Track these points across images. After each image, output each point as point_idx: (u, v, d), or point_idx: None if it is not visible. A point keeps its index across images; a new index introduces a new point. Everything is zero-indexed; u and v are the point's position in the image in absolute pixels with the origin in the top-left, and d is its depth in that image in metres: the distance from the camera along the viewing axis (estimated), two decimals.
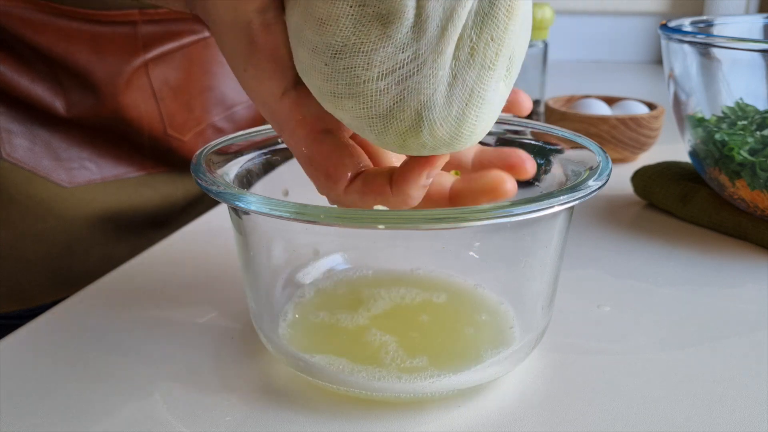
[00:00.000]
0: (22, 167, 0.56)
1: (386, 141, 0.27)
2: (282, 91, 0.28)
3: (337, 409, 0.33)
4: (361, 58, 0.26)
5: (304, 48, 0.26)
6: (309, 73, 0.27)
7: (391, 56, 0.25)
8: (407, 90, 0.26)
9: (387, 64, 0.26)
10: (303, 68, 0.27)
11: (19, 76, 0.55)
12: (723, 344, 0.38)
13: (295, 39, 0.27)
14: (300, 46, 0.27)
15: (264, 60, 0.28)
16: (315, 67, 0.26)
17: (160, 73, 0.60)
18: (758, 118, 0.50)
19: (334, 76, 0.26)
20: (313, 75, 0.27)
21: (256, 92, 0.29)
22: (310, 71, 0.27)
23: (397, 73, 0.26)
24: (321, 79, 0.26)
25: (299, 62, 0.27)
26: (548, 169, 0.37)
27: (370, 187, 0.29)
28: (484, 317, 0.37)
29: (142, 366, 0.36)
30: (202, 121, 0.64)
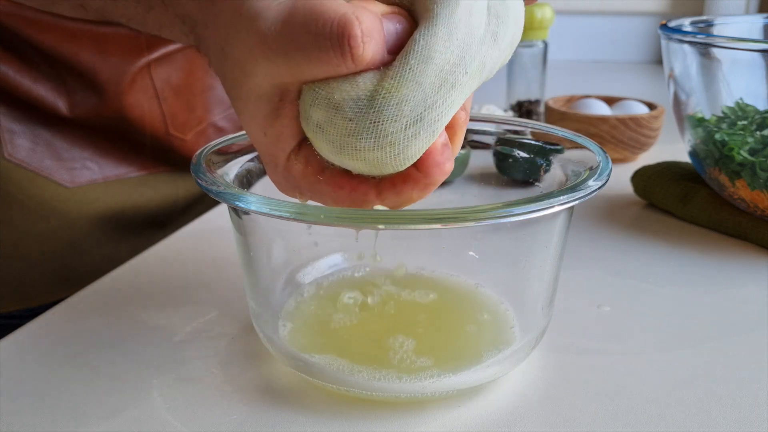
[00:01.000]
0: (24, 167, 0.56)
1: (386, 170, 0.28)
2: (294, 147, 0.29)
3: (337, 409, 0.33)
4: (390, 111, 0.26)
5: (320, 106, 0.26)
6: (326, 130, 0.27)
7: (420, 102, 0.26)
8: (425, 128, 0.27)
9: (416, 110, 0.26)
10: (317, 124, 0.27)
11: (22, 77, 0.55)
12: (723, 344, 0.38)
13: (311, 96, 0.27)
14: (315, 105, 0.27)
15: (285, 127, 0.28)
16: (334, 124, 0.26)
17: (162, 73, 0.60)
18: (758, 118, 0.50)
19: (358, 131, 0.26)
20: (331, 132, 0.27)
21: (268, 152, 0.29)
22: (327, 128, 0.27)
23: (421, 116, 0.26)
24: (340, 134, 0.27)
25: (311, 118, 0.27)
26: (548, 169, 0.37)
27: (401, 178, 0.28)
28: (485, 317, 0.37)
29: (142, 366, 0.36)
30: (204, 120, 0.64)
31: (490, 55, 0.27)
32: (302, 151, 0.29)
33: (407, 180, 0.28)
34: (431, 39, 0.25)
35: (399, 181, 0.28)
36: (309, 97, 0.27)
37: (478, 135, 0.42)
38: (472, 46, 0.26)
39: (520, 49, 0.85)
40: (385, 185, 0.29)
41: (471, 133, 0.42)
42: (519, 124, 0.40)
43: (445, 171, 0.28)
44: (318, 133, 0.27)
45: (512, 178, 0.42)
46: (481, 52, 0.27)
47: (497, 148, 0.41)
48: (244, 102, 0.28)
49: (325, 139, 0.27)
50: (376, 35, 0.25)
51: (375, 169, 0.28)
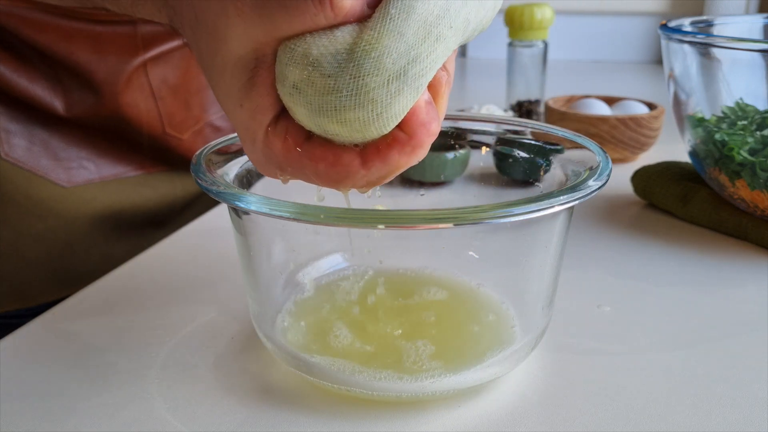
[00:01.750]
0: (20, 167, 0.56)
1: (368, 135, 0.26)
2: (272, 119, 0.27)
3: (337, 409, 0.33)
4: (370, 64, 0.24)
5: (297, 63, 0.25)
6: (304, 90, 0.25)
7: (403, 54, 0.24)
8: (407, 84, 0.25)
9: (398, 63, 0.24)
10: (293, 85, 0.25)
11: (18, 76, 0.55)
12: (723, 344, 0.38)
13: (287, 54, 0.25)
14: (292, 64, 0.25)
15: (262, 96, 0.27)
16: (312, 83, 0.25)
17: (158, 73, 0.60)
18: (758, 118, 0.50)
19: (337, 88, 0.25)
20: (308, 92, 0.25)
21: (246, 126, 0.28)
22: (305, 88, 0.25)
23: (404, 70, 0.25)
24: (318, 93, 0.25)
25: (287, 79, 0.26)
26: (548, 169, 0.37)
27: (387, 144, 0.27)
28: (487, 317, 0.37)
29: (142, 366, 0.36)
30: (200, 119, 0.64)
31: (476, 12, 0.26)
32: (281, 123, 0.27)
33: (393, 144, 0.27)
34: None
35: (384, 147, 0.27)
36: (285, 57, 0.25)
37: (478, 135, 0.42)
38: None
39: (520, 49, 0.85)
40: (369, 153, 0.27)
41: (471, 133, 0.42)
42: (519, 124, 0.40)
43: (431, 131, 0.27)
44: (295, 95, 0.25)
45: (512, 178, 0.42)
46: (467, 6, 0.25)
47: (497, 148, 0.41)
48: (219, 73, 0.27)
49: (303, 101, 0.25)
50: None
51: (357, 132, 0.26)
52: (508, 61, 0.87)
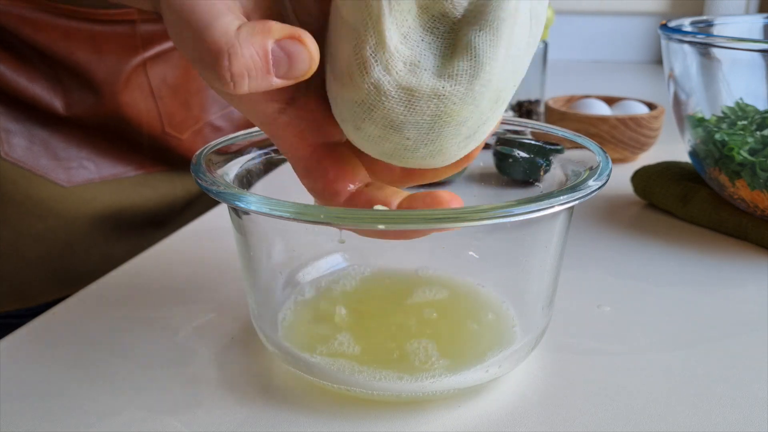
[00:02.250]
0: (20, 167, 0.56)
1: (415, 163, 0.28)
2: (279, 109, 0.28)
3: (337, 409, 0.33)
4: (450, 131, 0.26)
5: (377, 124, 0.26)
6: (378, 142, 0.26)
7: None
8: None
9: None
10: (368, 136, 0.26)
11: (18, 76, 0.55)
12: (723, 344, 0.38)
13: (361, 111, 0.26)
14: (368, 120, 0.26)
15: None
16: (389, 139, 0.26)
17: (158, 72, 0.60)
18: (758, 118, 0.50)
19: (415, 147, 0.26)
20: (384, 144, 0.26)
21: (253, 113, 0.28)
22: (380, 141, 0.26)
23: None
24: (396, 148, 0.26)
25: (361, 130, 0.26)
26: (548, 169, 0.37)
27: (373, 204, 0.28)
28: (487, 317, 0.37)
29: (141, 366, 0.36)
30: (200, 119, 0.64)
31: (528, 60, 0.27)
32: (295, 112, 0.28)
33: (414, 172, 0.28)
34: (494, 63, 0.24)
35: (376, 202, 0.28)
36: (360, 111, 0.25)
37: None
38: (521, 57, 0.26)
39: None
40: (359, 198, 0.28)
41: None
42: (519, 124, 0.40)
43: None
44: (366, 142, 0.27)
45: (512, 178, 0.42)
46: (525, 61, 0.26)
47: (497, 148, 0.41)
48: None
49: (375, 149, 0.27)
50: (254, 72, 0.24)
51: (412, 165, 0.28)
52: None
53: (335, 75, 0.26)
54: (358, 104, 0.25)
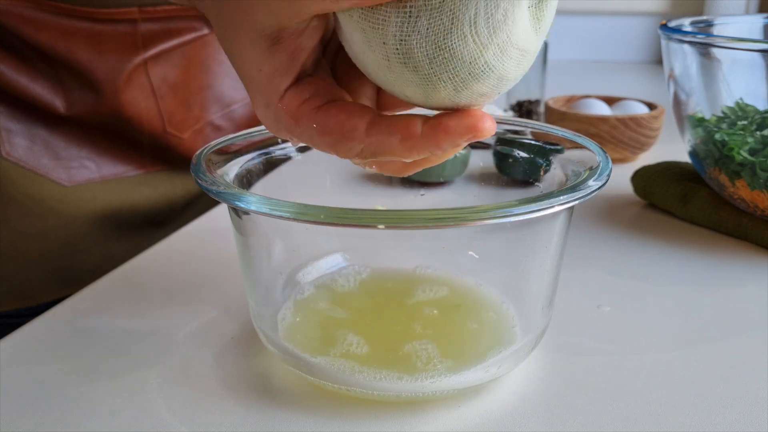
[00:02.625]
0: (21, 166, 0.56)
1: (439, 95, 0.27)
2: (287, 86, 0.28)
3: (337, 409, 0.33)
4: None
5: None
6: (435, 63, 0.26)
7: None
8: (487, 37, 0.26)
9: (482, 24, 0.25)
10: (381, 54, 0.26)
11: (19, 75, 0.55)
12: (723, 344, 0.38)
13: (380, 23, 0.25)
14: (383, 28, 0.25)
15: (283, 63, 0.27)
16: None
17: (159, 71, 0.60)
18: (758, 118, 0.50)
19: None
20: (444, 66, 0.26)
21: (262, 90, 0.28)
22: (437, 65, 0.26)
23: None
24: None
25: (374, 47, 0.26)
26: (548, 169, 0.37)
27: (397, 127, 0.27)
28: (487, 317, 0.37)
29: (142, 366, 0.36)
30: (201, 119, 0.64)
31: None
32: (300, 87, 0.28)
33: (411, 130, 0.27)
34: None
35: (399, 126, 0.27)
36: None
37: None
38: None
39: None
40: (380, 124, 0.27)
41: None
42: (519, 124, 0.40)
43: (453, 143, 0.27)
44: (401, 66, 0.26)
45: (512, 178, 0.42)
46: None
47: (497, 148, 0.41)
48: (241, 40, 0.27)
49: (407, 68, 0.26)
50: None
51: (426, 91, 0.27)
52: None
53: None
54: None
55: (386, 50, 0.26)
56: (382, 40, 0.26)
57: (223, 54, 0.64)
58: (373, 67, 0.28)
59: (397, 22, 0.26)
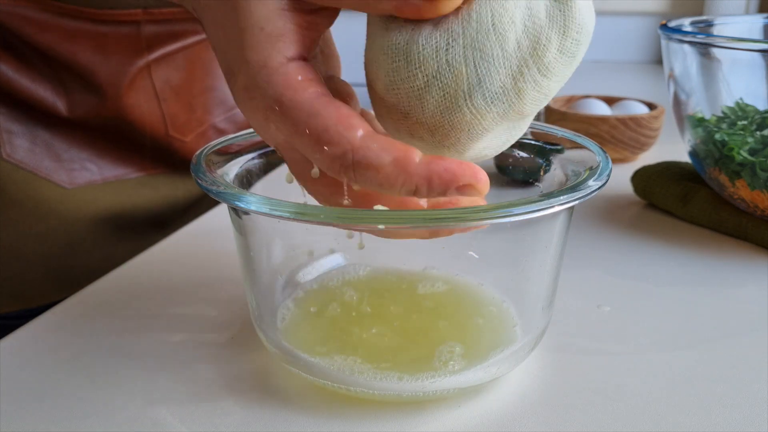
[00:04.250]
0: (22, 168, 0.56)
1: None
2: (292, 56, 0.26)
3: (337, 409, 0.33)
4: None
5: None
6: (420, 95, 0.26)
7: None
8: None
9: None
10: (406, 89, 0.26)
11: (21, 77, 0.55)
12: (723, 344, 0.38)
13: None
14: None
15: (293, 29, 0.26)
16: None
17: (162, 74, 0.60)
18: (758, 118, 0.50)
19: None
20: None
21: (260, 50, 0.26)
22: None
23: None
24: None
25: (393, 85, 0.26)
26: (548, 169, 0.37)
27: (395, 147, 0.25)
28: (488, 316, 0.37)
29: (142, 366, 0.36)
30: (204, 122, 0.64)
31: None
32: (307, 66, 0.26)
33: (408, 154, 0.25)
34: None
35: (397, 147, 0.26)
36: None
37: None
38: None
39: None
40: (378, 137, 0.26)
41: None
42: None
43: (444, 185, 0.26)
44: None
45: (512, 178, 0.42)
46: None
47: None
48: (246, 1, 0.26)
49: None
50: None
51: (433, 141, 0.27)
52: None
53: None
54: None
55: (395, 126, 0.28)
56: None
57: None
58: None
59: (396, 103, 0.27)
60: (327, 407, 0.33)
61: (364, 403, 0.33)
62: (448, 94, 0.26)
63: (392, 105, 0.27)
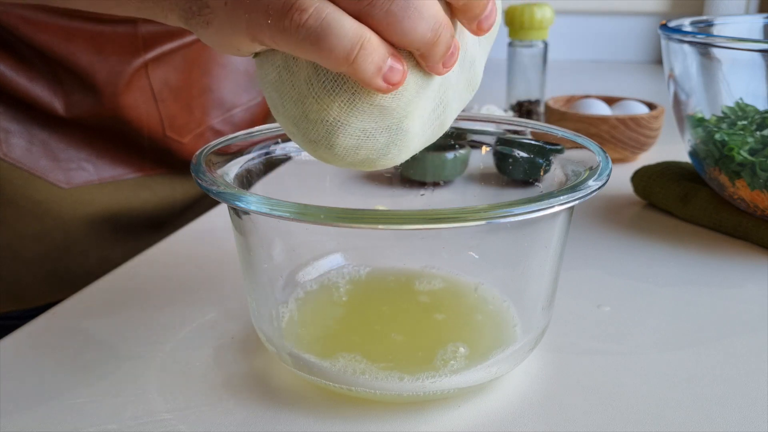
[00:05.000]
0: (19, 167, 0.56)
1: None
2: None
3: (337, 409, 0.33)
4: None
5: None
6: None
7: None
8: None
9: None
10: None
11: (18, 76, 0.55)
12: (723, 344, 0.38)
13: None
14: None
15: None
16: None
17: (160, 74, 0.60)
18: (758, 118, 0.50)
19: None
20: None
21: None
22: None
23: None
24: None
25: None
26: (548, 169, 0.37)
27: None
28: (488, 316, 0.37)
29: (142, 366, 0.36)
30: (202, 123, 0.64)
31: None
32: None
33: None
34: None
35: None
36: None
37: (478, 135, 0.42)
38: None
39: (520, 49, 0.85)
40: None
41: (471, 133, 0.42)
42: (519, 124, 0.40)
43: None
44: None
45: (512, 178, 0.42)
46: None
47: (497, 148, 0.41)
48: None
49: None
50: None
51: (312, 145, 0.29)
52: (508, 61, 0.87)
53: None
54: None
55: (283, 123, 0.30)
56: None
57: (224, 57, 0.64)
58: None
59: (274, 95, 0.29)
60: (327, 407, 0.33)
61: (364, 403, 0.33)
62: (294, 85, 0.28)
63: (270, 100, 0.29)
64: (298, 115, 0.28)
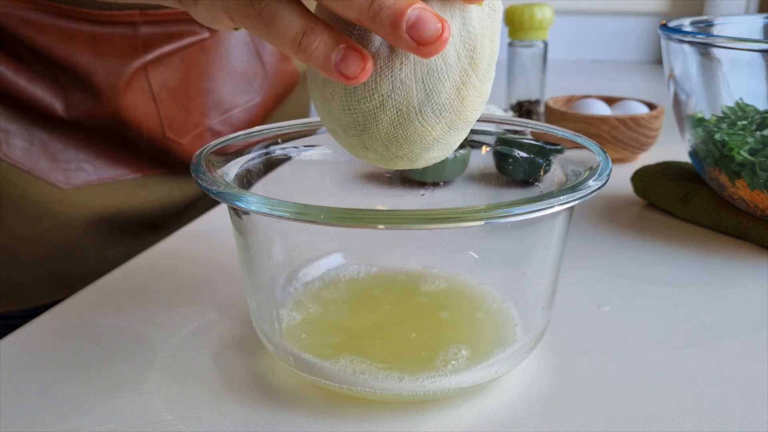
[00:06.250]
0: (19, 168, 0.56)
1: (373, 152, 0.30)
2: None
3: (337, 409, 0.33)
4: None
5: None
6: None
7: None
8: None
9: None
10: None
11: (18, 77, 0.55)
12: (723, 344, 0.38)
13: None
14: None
15: None
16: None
17: (159, 76, 0.60)
18: (758, 118, 0.50)
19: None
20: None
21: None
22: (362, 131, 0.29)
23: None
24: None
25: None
26: (548, 169, 0.37)
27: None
28: (488, 317, 0.37)
29: (141, 366, 0.36)
30: (201, 123, 0.64)
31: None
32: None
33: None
34: None
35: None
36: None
37: (478, 135, 0.42)
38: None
39: (520, 49, 0.85)
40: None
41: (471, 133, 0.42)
42: (519, 124, 0.40)
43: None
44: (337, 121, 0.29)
45: (512, 178, 0.42)
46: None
47: (497, 148, 0.41)
48: None
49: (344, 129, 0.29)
50: None
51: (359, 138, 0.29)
52: (508, 61, 0.87)
53: None
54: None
55: (350, 140, 0.30)
56: (344, 128, 0.29)
57: (223, 59, 0.64)
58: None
59: (350, 122, 0.29)
60: (327, 407, 0.33)
61: (364, 403, 0.33)
62: (400, 111, 0.28)
63: (347, 123, 0.29)
64: (392, 137, 0.29)
